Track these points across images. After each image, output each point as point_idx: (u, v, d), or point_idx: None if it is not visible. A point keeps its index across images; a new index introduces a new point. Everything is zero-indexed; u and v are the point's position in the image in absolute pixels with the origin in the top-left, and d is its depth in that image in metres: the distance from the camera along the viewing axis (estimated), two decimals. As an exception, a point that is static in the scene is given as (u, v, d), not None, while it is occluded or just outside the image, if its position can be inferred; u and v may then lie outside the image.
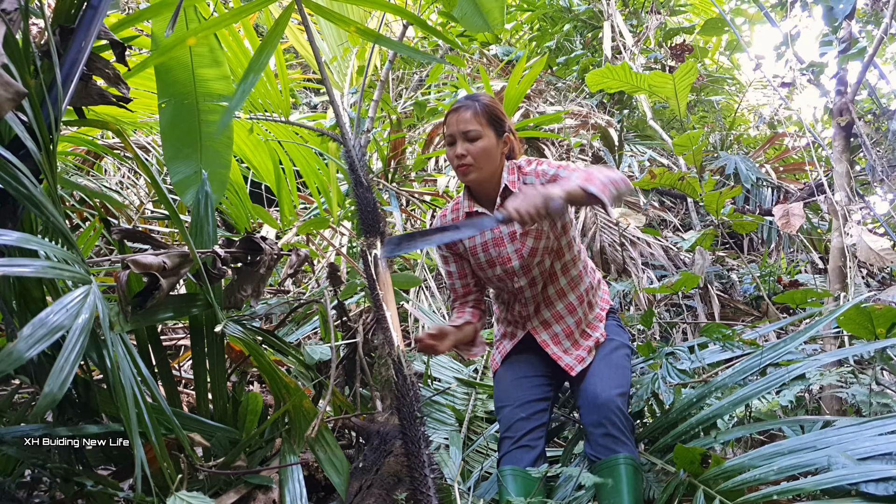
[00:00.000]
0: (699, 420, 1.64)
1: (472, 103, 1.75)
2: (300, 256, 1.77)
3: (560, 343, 1.83)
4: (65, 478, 1.27)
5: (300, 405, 1.60)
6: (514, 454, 1.68)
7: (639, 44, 6.26)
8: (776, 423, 1.69)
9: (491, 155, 1.74)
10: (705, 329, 1.92)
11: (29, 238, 0.98)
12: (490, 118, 1.75)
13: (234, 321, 1.57)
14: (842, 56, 3.33)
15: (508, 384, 1.84)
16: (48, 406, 0.85)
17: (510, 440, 1.71)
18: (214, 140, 1.88)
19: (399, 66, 5.71)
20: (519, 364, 1.87)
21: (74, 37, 1.25)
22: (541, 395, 1.79)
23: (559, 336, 1.83)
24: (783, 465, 1.33)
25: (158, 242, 1.50)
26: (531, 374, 1.83)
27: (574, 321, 1.84)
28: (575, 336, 1.83)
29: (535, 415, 1.74)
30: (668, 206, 5.47)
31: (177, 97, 1.84)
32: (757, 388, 1.61)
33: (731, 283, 4.02)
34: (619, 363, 1.79)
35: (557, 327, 1.84)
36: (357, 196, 1.76)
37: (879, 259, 2.97)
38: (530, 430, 1.71)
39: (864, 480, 1.16)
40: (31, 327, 0.87)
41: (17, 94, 0.91)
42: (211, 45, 1.86)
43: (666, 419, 1.76)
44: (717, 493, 1.40)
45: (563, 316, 1.84)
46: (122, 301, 1.29)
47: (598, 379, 1.73)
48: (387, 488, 1.59)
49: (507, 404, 1.79)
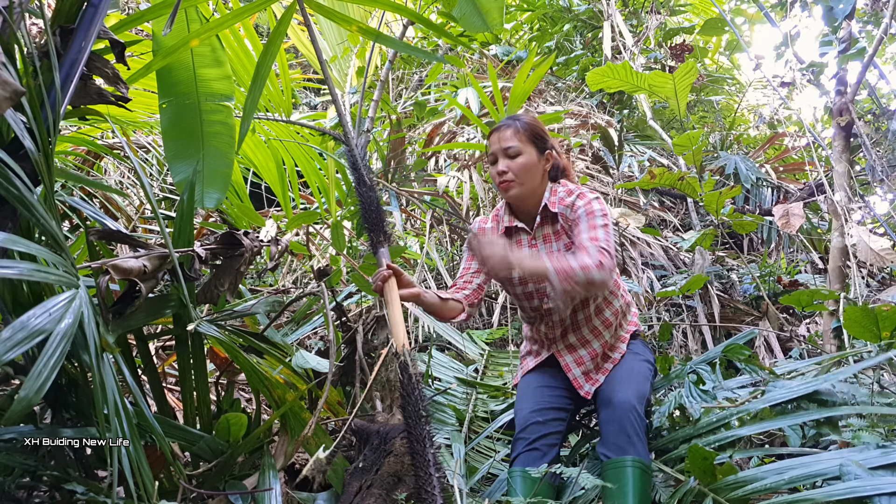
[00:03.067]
0: (718, 439, 1.61)
1: (512, 122, 1.78)
2: (280, 247, 1.76)
3: (584, 365, 1.83)
4: (54, 485, 1.26)
5: (292, 408, 1.59)
6: (526, 456, 1.68)
7: (639, 44, 6.25)
8: (776, 422, 1.68)
9: (531, 171, 1.76)
10: (728, 349, 1.89)
11: (15, 239, 0.97)
12: (530, 135, 1.78)
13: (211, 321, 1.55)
14: (842, 56, 3.33)
15: (529, 391, 1.85)
16: (23, 410, 0.83)
17: (524, 441, 1.71)
18: (217, 139, 1.88)
19: (399, 67, 5.71)
20: (541, 375, 1.88)
21: (74, 37, 1.25)
22: (560, 404, 1.80)
23: (584, 359, 1.83)
24: (794, 476, 1.30)
25: (138, 242, 1.46)
26: (552, 385, 1.84)
27: (600, 344, 1.84)
28: (598, 360, 1.84)
29: (552, 421, 1.75)
30: (668, 206, 5.47)
31: (178, 97, 1.84)
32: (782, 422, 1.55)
33: (731, 283, 4.02)
34: (640, 372, 1.79)
35: (583, 351, 1.84)
36: (360, 195, 1.75)
37: (879, 259, 2.97)
38: (545, 434, 1.71)
39: (875, 494, 1.11)
40: (10, 330, 0.86)
41: (14, 93, 0.90)
42: (213, 45, 1.86)
43: (683, 433, 1.73)
44: (727, 501, 1.37)
45: (590, 340, 1.84)
46: (102, 307, 1.27)
47: (616, 383, 1.74)
48: (387, 488, 1.59)
49: (524, 407, 1.80)
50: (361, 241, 3.55)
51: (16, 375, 1.36)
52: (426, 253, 3.46)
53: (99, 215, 1.60)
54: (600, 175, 4.98)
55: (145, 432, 1.33)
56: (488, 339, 3.19)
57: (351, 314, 2.39)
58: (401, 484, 1.61)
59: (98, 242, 1.58)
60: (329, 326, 2.00)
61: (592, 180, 4.80)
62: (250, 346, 1.67)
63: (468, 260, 1.94)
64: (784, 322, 3.48)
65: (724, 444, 1.58)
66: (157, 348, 2.50)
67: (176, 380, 2.24)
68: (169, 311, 1.49)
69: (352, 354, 2.15)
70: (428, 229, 3.60)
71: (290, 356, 1.76)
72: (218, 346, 1.56)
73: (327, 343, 2.55)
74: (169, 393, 2.11)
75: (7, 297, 1.23)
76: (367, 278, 1.86)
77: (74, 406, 1.37)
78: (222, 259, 1.59)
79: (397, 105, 4.88)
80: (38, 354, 0.88)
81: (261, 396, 1.66)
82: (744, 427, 1.59)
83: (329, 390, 1.68)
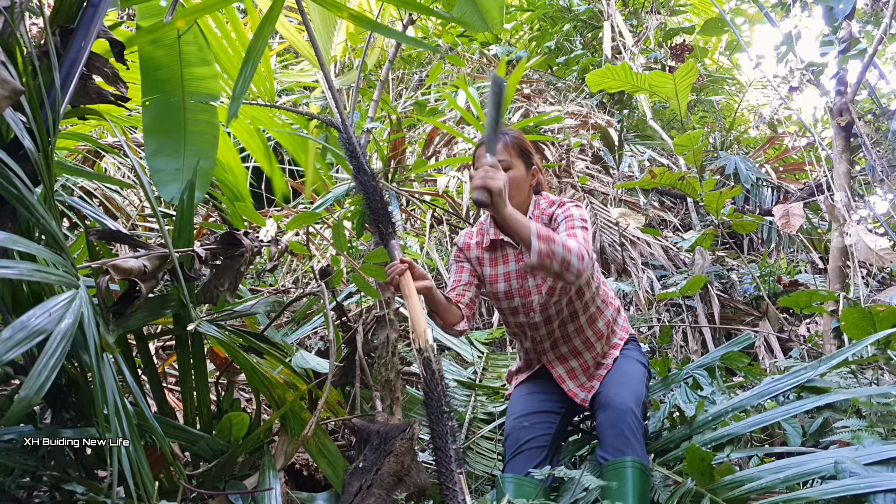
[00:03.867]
0: (714, 437, 1.61)
1: (502, 136, 1.76)
2: (280, 247, 1.76)
3: (576, 378, 1.82)
4: (54, 485, 1.26)
5: (292, 408, 1.59)
6: (514, 462, 1.69)
7: (639, 44, 6.26)
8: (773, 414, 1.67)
9: (520, 186, 1.76)
10: (726, 357, 1.89)
11: (16, 239, 0.96)
12: (519, 150, 1.78)
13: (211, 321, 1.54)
14: (842, 56, 3.33)
15: (518, 399, 1.86)
16: (23, 410, 0.83)
17: (511, 448, 1.72)
18: (200, 139, 1.86)
19: (399, 67, 5.71)
20: (531, 384, 1.88)
21: (74, 36, 1.24)
22: (548, 408, 1.79)
23: (576, 371, 1.83)
24: (790, 474, 1.30)
25: (137, 242, 1.45)
26: (542, 391, 1.84)
27: (591, 356, 1.83)
28: (590, 371, 1.83)
29: (538, 425, 1.75)
30: (668, 206, 5.47)
31: (164, 94, 1.83)
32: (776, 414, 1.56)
33: (731, 283, 4.02)
34: (635, 374, 1.79)
35: (574, 362, 1.83)
36: (361, 184, 1.71)
37: (879, 259, 2.97)
38: (531, 438, 1.71)
39: (871, 491, 1.10)
40: (10, 330, 0.85)
41: (14, 92, 0.90)
42: (199, 44, 1.85)
43: (679, 434, 1.74)
44: (723, 501, 1.37)
45: (581, 352, 1.83)
46: (102, 307, 1.26)
47: (612, 386, 1.73)
48: (387, 488, 1.59)
49: (512, 414, 1.80)
50: (362, 241, 3.55)
51: (16, 375, 1.35)
52: (426, 253, 3.46)
53: (98, 215, 1.59)
54: (600, 175, 4.98)
55: (145, 432, 1.32)
56: (487, 340, 3.19)
57: (351, 314, 2.39)
58: (401, 484, 1.60)
59: (98, 242, 1.58)
60: (329, 326, 2.00)
61: (592, 180, 4.80)
62: (250, 346, 1.66)
63: (458, 272, 1.90)
64: (784, 322, 3.48)
65: (721, 442, 1.59)
66: (157, 348, 2.49)
67: (176, 380, 2.23)
68: (169, 311, 1.48)
69: (352, 354, 2.15)
70: (428, 229, 3.60)
71: (290, 356, 1.76)
72: (218, 346, 1.55)
73: (327, 343, 2.55)
74: (169, 393, 2.11)
75: (7, 296, 1.23)
76: (368, 278, 1.85)
77: (74, 406, 1.37)
78: (222, 259, 1.59)
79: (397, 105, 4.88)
80: (38, 354, 0.88)
81: (261, 396, 1.66)
82: (740, 423, 1.59)
83: (329, 390, 1.68)
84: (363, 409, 2.07)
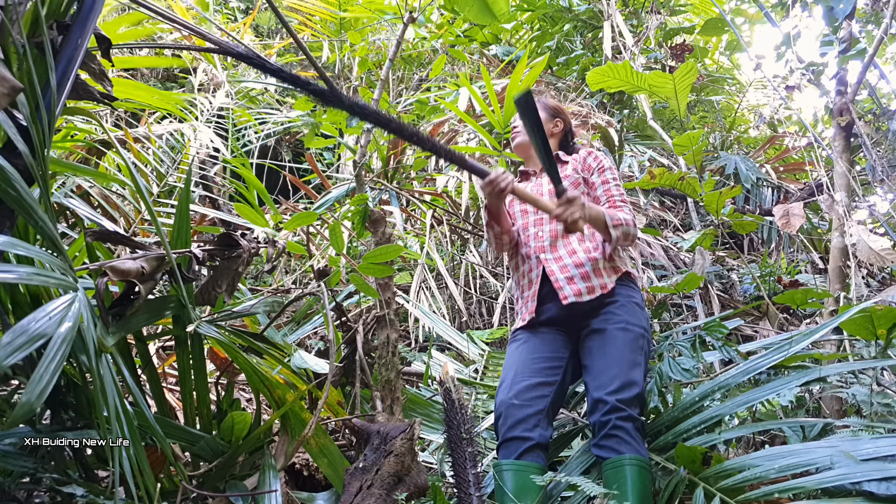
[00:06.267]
0: (702, 420, 1.62)
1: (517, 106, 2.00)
2: (277, 248, 1.75)
3: (567, 271, 1.85)
4: (53, 488, 1.25)
5: (292, 408, 1.58)
6: (506, 448, 1.65)
7: (639, 44, 6.25)
8: (776, 423, 1.69)
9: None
10: (707, 326, 1.90)
11: (14, 242, 0.96)
12: (545, 106, 2.15)
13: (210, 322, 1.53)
14: (842, 56, 3.32)
15: (511, 363, 1.82)
16: (25, 415, 0.82)
17: (502, 430, 1.69)
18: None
19: (399, 66, 5.71)
20: (527, 343, 1.85)
21: (70, 33, 1.22)
22: (542, 377, 1.75)
23: (568, 267, 1.86)
24: (784, 464, 1.31)
25: (135, 243, 1.44)
26: (537, 355, 1.79)
27: (587, 258, 1.87)
28: (585, 268, 1.85)
29: (534, 400, 1.70)
30: (668, 206, 5.47)
31: None
32: (763, 392, 1.58)
33: (731, 283, 4.02)
34: (631, 357, 1.70)
35: (568, 260, 1.88)
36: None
37: (879, 259, 2.97)
38: (524, 418, 1.66)
39: (865, 479, 1.14)
40: (11, 334, 0.85)
41: (12, 90, 0.90)
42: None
43: (668, 417, 1.75)
44: (717, 490, 1.39)
45: (577, 251, 1.90)
46: (101, 310, 1.25)
47: (604, 375, 1.67)
48: (387, 488, 1.58)
49: (502, 388, 1.76)
50: (361, 242, 3.54)
51: (15, 376, 1.35)
52: (426, 253, 3.46)
53: (96, 216, 1.59)
54: (600, 175, 4.96)
55: (145, 433, 1.32)
56: (488, 339, 3.19)
57: (351, 314, 2.38)
58: (401, 484, 1.60)
59: (96, 243, 1.57)
60: (329, 326, 1.99)
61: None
62: (250, 346, 1.66)
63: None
64: (784, 322, 3.48)
65: (710, 424, 1.60)
66: (157, 348, 2.49)
67: (176, 380, 2.23)
68: (168, 313, 1.48)
69: (352, 354, 2.14)
70: (428, 229, 3.59)
71: (290, 356, 1.75)
72: (218, 346, 1.55)
73: (327, 343, 2.55)
74: (169, 393, 2.10)
75: (5, 298, 1.23)
76: (367, 279, 1.84)
77: (74, 407, 1.36)
78: (220, 260, 1.58)
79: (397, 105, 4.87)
80: (38, 358, 0.88)
81: (261, 396, 1.65)
82: (727, 402, 1.60)
83: (329, 390, 1.68)
84: (363, 409, 2.07)
